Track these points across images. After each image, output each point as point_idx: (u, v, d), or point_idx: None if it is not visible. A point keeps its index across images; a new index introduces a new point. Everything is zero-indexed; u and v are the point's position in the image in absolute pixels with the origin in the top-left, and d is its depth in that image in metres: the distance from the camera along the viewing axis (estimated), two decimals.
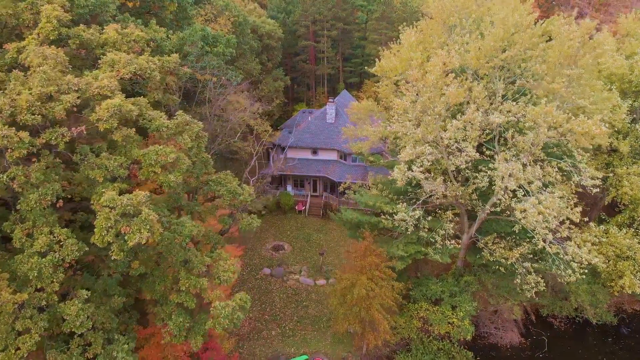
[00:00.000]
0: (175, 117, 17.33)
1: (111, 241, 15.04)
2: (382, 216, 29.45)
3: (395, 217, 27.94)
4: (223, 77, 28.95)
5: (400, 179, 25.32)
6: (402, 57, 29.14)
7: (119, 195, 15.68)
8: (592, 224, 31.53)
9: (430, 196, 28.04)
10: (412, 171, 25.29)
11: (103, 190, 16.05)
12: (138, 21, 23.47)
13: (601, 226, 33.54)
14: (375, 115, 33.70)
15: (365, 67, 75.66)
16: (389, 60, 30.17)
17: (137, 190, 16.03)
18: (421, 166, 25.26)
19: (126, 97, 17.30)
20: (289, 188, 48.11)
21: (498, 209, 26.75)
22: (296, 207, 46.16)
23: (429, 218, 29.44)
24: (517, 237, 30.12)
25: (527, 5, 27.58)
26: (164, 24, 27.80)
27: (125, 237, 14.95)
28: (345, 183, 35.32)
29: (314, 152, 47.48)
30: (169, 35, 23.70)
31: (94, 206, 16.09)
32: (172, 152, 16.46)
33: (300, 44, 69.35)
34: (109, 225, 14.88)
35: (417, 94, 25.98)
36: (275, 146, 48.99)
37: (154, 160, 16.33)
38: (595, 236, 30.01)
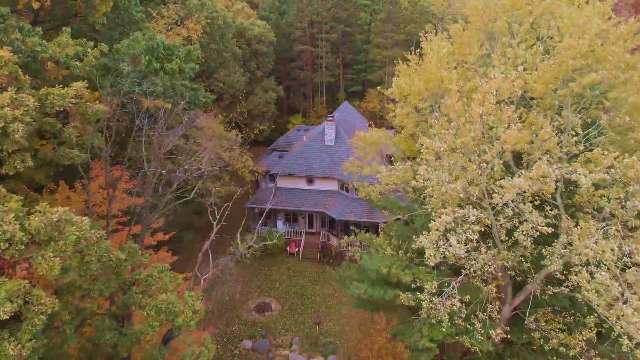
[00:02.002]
0: (36, 212, 9.42)
1: None
2: (401, 294, 21.55)
3: (420, 295, 20.15)
4: (182, 102, 20.97)
5: (434, 257, 17.30)
6: (429, 75, 21.12)
7: None
8: None
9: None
10: (451, 245, 17.35)
11: None
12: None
13: None
14: (390, 147, 25.67)
15: (368, 75, 68.13)
16: (411, 80, 22.16)
17: None
18: (464, 241, 17.30)
19: None
20: (280, 224, 40.06)
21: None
22: (288, 249, 38.13)
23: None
24: (579, 313, 22.35)
25: (605, 7, 19.61)
26: (93, 32, 19.93)
27: None
28: (345, 237, 27.26)
29: (310, 181, 39.47)
30: (89, 50, 15.72)
31: None
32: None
33: (296, 49, 61.33)
34: None
35: (455, 132, 17.99)
36: (265, 174, 40.91)
37: None
38: None
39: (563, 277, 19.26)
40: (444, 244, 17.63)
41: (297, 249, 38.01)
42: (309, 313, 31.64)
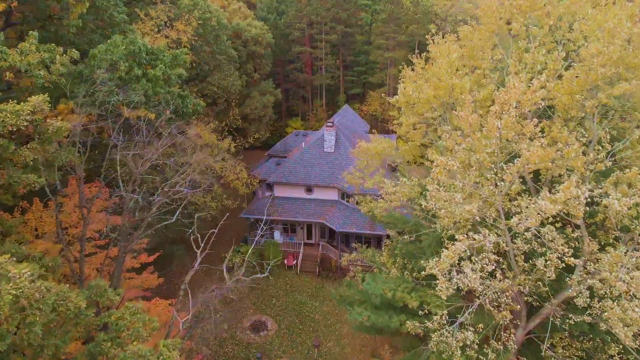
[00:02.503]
0: None
1: None
2: (407, 322, 19.70)
3: (429, 323, 18.31)
4: (168, 111, 19.05)
5: (446, 290, 15.42)
6: (438, 82, 19.24)
7: None
8: None
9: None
10: (466, 275, 15.50)
11: None
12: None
13: None
14: (395, 159, 23.78)
15: (369, 77, 66.21)
16: (418, 88, 20.27)
17: None
18: (480, 270, 15.44)
19: None
20: (277, 235, 38.19)
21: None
22: (285, 262, 36.26)
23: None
24: (599, 339, 20.51)
25: (634, 8, 17.73)
26: (75, 35, 18.02)
27: None
28: (346, 255, 25.38)
29: (309, 190, 37.59)
30: (58, 57, 13.86)
31: None
32: None
33: (294, 50, 59.44)
34: None
35: (469, 148, 16.11)
36: (261, 182, 39.04)
37: None
38: None
39: (585, 304, 17.36)
40: (457, 274, 15.79)
41: (295, 261, 36.14)
42: (307, 332, 29.79)
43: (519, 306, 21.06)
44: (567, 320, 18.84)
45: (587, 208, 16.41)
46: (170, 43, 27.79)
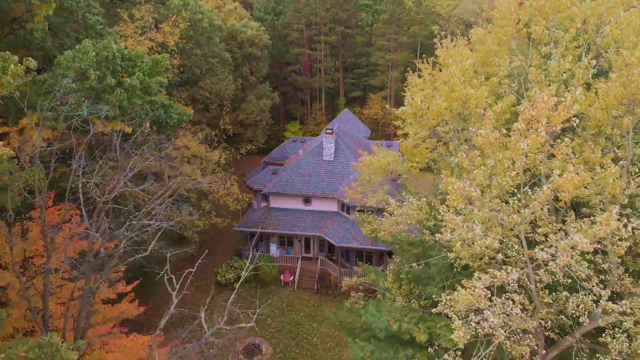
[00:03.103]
0: None
1: None
2: (415, 358, 17.72)
3: None
4: (148, 123, 16.99)
5: (463, 336, 13.35)
6: (451, 92, 17.18)
7: None
8: None
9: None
10: (486, 319, 13.46)
11: None
12: None
13: None
14: (401, 173, 21.67)
15: (370, 80, 64.09)
16: (427, 97, 18.22)
17: None
18: (501, 313, 13.41)
19: None
20: (273, 248, 36.12)
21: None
22: (281, 277, 34.19)
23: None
24: None
25: None
26: (35, 41, 15.91)
27: None
28: (346, 279, 23.32)
29: (307, 201, 35.53)
30: (12, 67, 11.81)
31: None
32: None
33: (292, 52, 57.38)
34: None
35: (489, 171, 14.04)
36: (256, 192, 37.00)
37: None
38: None
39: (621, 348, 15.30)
40: (474, 316, 13.76)
41: (291, 277, 34.08)
42: (304, 357, 27.74)
43: (537, 342, 19.00)
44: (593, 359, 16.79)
45: None
46: (155, 47, 25.70)
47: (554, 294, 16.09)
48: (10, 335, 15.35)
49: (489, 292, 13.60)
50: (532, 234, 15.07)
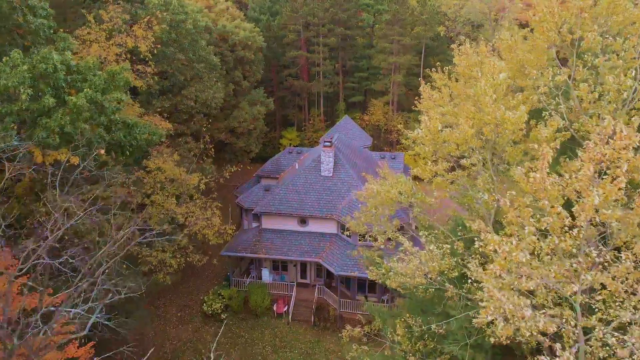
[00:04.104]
0: None
1: None
2: None
3: None
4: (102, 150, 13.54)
5: None
6: (478, 113, 13.73)
7: None
8: None
9: None
10: None
11: None
12: None
13: None
14: (414, 204, 18.16)
15: (372, 84, 60.59)
16: (449, 115, 14.80)
17: None
18: None
19: None
20: (265, 274, 32.63)
21: None
22: (274, 308, 30.70)
23: None
24: None
25: None
26: None
27: None
28: (347, 329, 19.83)
29: (303, 221, 32.06)
30: None
31: None
32: None
33: (289, 55, 53.90)
34: None
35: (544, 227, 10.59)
36: (246, 211, 33.57)
37: None
38: None
39: None
40: None
41: (285, 307, 30.59)
42: None
43: None
44: None
45: None
46: (125, 53, 22.25)
47: None
48: None
49: None
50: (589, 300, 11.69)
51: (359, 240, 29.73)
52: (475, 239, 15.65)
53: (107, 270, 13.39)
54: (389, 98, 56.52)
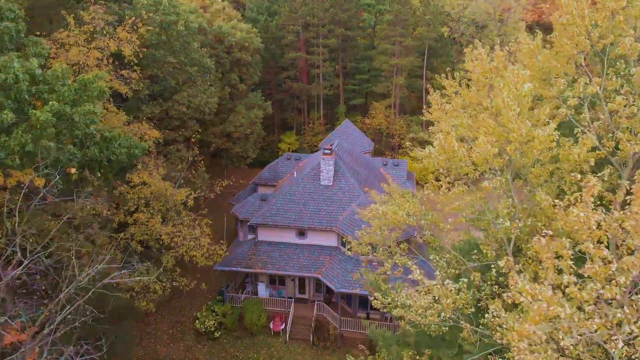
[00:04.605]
0: None
1: None
2: None
3: None
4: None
5: None
6: (497, 128, 12.05)
7: None
8: None
9: None
10: None
11: None
12: None
13: None
14: (424, 226, 16.46)
15: (373, 87, 58.90)
16: (464, 129, 13.15)
17: None
18: None
19: None
20: (262, 289, 30.96)
21: None
22: (271, 325, 29.03)
23: None
24: None
25: None
26: None
27: None
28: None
29: (301, 233, 30.39)
30: None
31: None
32: None
33: (288, 56, 52.21)
34: None
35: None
36: (242, 222, 31.92)
37: None
38: None
39: None
40: None
41: (283, 325, 28.92)
42: None
43: None
44: None
45: None
46: (107, 58, 20.56)
47: None
48: None
49: None
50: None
51: (361, 255, 28.00)
52: (493, 265, 14.01)
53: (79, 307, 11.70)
54: (390, 101, 54.85)
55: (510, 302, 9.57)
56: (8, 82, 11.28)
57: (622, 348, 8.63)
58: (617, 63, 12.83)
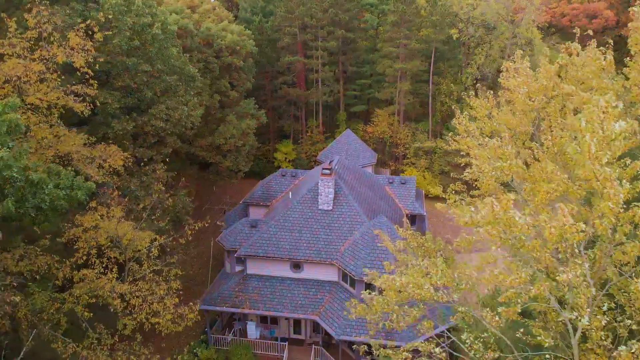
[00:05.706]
0: None
1: None
2: None
3: None
4: None
5: None
6: (576, 188, 8.23)
7: None
8: None
9: None
10: None
11: None
12: None
13: None
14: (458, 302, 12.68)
15: (375, 92, 55.00)
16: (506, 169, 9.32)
17: None
18: None
19: None
20: (251, 329, 27.13)
21: None
22: None
23: None
24: None
25: None
26: None
27: None
28: None
29: (296, 266, 26.61)
30: None
31: None
32: None
33: (284, 60, 48.38)
34: None
35: None
36: (229, 252, 28.13)
37: None
38: None
39: None
40: None
41: None
42: None
43: None
44: None
45: None
46: (53, 70, 16.73)
47: None
48: None
49: None
50: None
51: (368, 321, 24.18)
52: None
53: None
54: (394, 108, 51.08)
55: None
56: None
57: None
58: None
